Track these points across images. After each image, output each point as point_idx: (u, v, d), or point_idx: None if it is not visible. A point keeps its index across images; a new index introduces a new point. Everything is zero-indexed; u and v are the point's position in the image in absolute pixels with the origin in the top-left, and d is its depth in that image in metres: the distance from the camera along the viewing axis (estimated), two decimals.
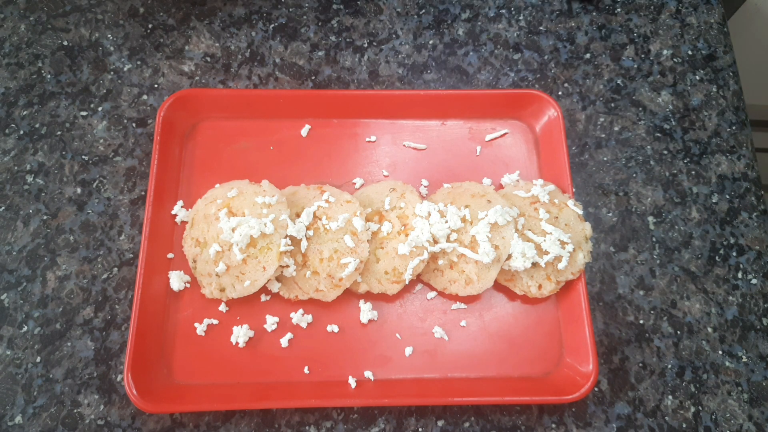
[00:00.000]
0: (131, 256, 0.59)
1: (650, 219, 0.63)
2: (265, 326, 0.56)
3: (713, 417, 0.55)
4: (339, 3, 0.71)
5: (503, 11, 0.72)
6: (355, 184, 0.62)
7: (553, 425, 0.55)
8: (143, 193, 0.62)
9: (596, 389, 0.56)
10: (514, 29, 0.71)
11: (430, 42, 0.70)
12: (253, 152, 0.63)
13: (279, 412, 0.54)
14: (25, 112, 0.64)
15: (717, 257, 0.61)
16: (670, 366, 0.57)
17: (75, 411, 0.54)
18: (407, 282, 0.57)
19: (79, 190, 0.62)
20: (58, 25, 0.69)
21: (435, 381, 0.55)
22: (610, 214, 0.63)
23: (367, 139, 0.64)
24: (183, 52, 0.68)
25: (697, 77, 0.69)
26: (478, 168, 0.63)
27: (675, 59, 0.70)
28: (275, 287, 0.57)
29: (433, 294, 0.58)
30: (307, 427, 0.54)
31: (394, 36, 0.70)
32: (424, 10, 0.71)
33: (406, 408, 0.55)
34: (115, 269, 0.59)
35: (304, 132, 0.64)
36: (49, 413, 0.54)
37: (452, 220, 0.57)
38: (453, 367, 0.56)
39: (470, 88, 0.68)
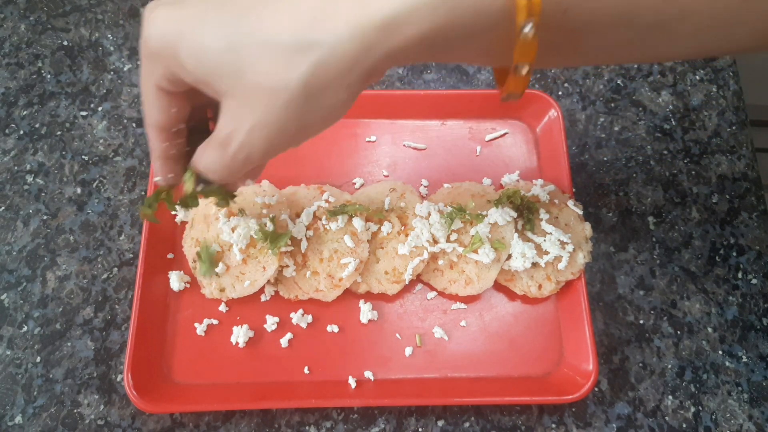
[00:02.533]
0: (131, 256, 0.59)
1: (650, 219, 0.63)
2: (265, 326, 0.56)
3: (713, 417, 0.55)
4: None
5: None
6: (355, 184, 0.62)
7: (553, 425, 0.55)
8: (143, 193, 0.62)
9: (596, 389, 0.56)
10: None
11: None
12: None
13: (279, 412, 0.54)
14: (25, 112, 0.64)
15: (717, 257, 0.61)
16: (670, 366, 0.57)
17: (75, 411, 0.54)
18: (407, 282, 0.57)
19: (79, 190, 0.62)
20: (58, 25, 0.69)
21: (435, 381, 0.55)
22: (610, 214, 0.63)
23: (367, 139, 0.64)
24: None
25: (697, 77, 0.69)
26: (478, 168, 0.63)
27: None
28: (270, 291, 0.57)
29: (433, 294, 0.58)
30: (307, 427, 0.54)
31: None
32: None
33: (406, 408, 0.55)
34: (115, 269, 0.59)
35: None
36: (49, 413, 0.54)
37: None
38: (453, 367, 0.56)
39: (470, 88, 0.68)
